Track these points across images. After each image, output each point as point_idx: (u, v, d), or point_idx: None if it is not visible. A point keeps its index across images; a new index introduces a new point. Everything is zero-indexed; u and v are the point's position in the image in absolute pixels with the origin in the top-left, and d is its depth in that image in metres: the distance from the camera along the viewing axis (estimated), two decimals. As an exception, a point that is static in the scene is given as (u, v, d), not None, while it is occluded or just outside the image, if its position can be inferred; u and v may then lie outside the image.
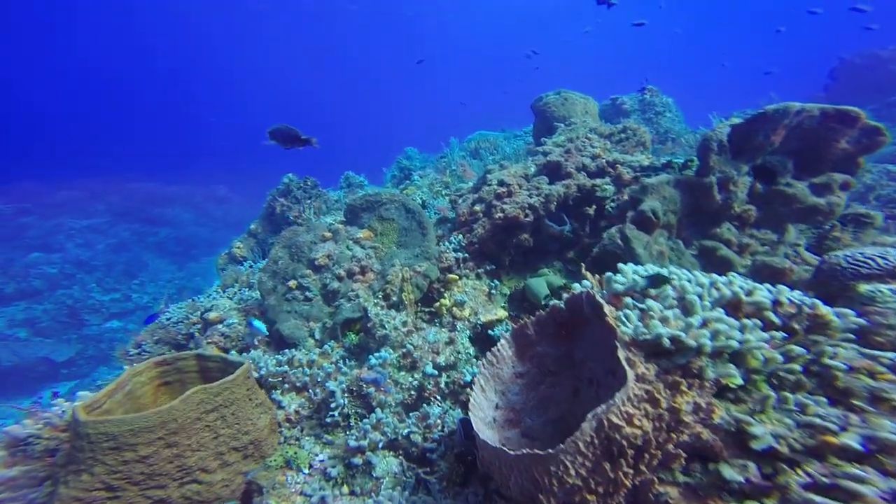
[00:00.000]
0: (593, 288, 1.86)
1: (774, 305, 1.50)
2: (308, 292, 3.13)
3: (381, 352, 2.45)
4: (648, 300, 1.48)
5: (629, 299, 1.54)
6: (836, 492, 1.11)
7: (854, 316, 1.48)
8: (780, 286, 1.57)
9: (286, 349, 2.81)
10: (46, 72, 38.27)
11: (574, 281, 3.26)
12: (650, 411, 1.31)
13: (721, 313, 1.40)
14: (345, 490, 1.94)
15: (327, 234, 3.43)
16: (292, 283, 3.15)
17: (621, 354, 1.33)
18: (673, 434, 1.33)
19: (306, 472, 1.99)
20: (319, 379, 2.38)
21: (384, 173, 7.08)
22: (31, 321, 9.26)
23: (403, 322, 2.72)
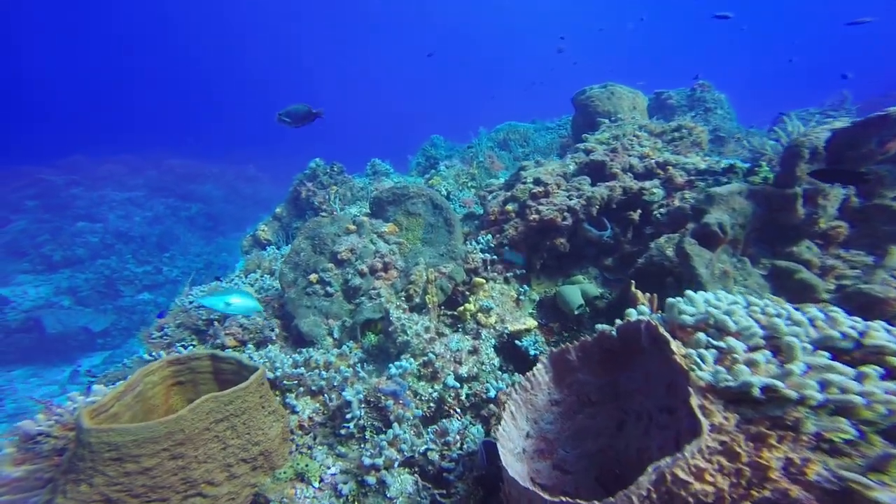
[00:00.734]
0: (652, 315, 1.62)
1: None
2: (329, 287, 3.01)
3: (402, 361, 2.31)
4: (729, 338, 1.25)
5: (702, 335, 1.31)
6: None
7: None
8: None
9: (303, 348, 2.72)
10: (105, 54, 40.37)
11: (611, 290, 3.00)
12: (726, 465, 1.10)
13: (827, 358, 1.16)
14: (356, 510, 1.82)
15: (351, 227, 3.29)
16: (313, 277, 3.04)
17: (694, 402, 1.12)
18: (753, 491, 1.11)
19: (317, 486, 1.89)
20: (336, 383, 2.26)
21: (409, 161, 6.87)
22: (74, 290, 9.73)
23: (426, 328, 2.56)
